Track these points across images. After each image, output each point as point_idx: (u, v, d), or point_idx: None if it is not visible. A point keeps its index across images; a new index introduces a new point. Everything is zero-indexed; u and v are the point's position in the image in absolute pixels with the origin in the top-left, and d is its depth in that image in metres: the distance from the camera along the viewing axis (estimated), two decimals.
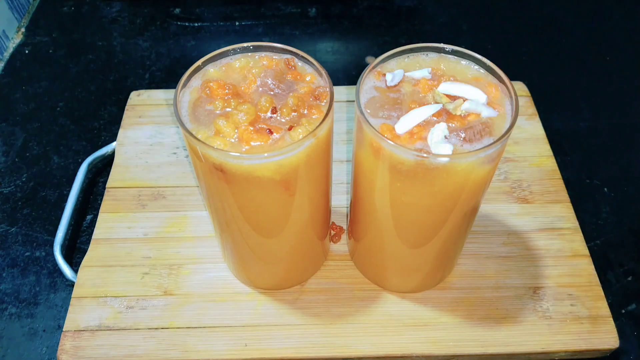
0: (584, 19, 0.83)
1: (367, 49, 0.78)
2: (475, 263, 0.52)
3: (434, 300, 0.50)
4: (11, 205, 0.60)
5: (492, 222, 0.55)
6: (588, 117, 0.69)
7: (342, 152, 0.61)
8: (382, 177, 0.39)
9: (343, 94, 0.66)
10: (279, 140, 0.36)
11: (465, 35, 0.80)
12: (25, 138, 0.66)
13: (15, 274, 0.54)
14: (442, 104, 0.38)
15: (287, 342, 0.47)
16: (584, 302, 0.49)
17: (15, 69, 0.74)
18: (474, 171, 0.37)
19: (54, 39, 0.79)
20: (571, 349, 0.47)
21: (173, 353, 0.47)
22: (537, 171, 0.59)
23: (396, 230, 0.43)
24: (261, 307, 0.50)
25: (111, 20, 0.82)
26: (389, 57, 0.42)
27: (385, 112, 0.39)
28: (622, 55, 0.77)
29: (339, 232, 0.54)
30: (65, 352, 0.47)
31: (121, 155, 0.61)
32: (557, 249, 0.53)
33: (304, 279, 0.51)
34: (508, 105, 0.39)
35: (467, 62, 0.41)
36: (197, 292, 0.50)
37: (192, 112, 0.39)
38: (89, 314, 0.49)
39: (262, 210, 0.41)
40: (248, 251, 0.46)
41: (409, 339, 0.47)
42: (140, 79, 0.73)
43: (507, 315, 0.49)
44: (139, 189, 0.58)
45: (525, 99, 0.65)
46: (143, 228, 0.55)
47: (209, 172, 0.38)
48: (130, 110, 0.65)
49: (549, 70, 0.75)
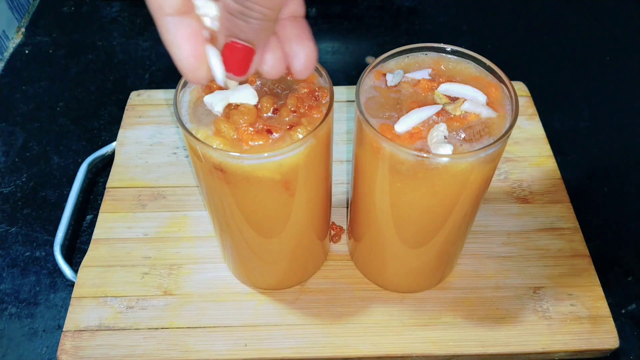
0: (584, 19, 0.83)
1: (367, 49, 0.78)
2: (475, 263, 0.52)
3: (434, 300, 0.50)
4: (11, 205, 0.60)
5: (492, 222, 0.55)
6: (588, 117, 0.69)
7: (342, 152, 0.61)
8: (382, 177, 0.39)
9: (343, 94, 0.66)
10: (278, 140, 0.36)
11: (465, 35, 0.80)
12: (25, 138, 0.66)
13: (15, 274, 0.54)
14: (442, 104, 0.38)
15: (287, 342, 0.47)
16: (584, 302, 0.49)
17: (15, 69, 0.74)
18: (474, 171, 0.37)
19: (54, 39, 0.79)
20: (571, 349, 0.47)
21: (173, 353, 0.47)
22: (537, 171, 0.59)
23: (396, 230, 0.43)
24: (261, 307, 0.50)
25: (111, 20, 0.82)
26: (389, 57, 0.42)
27: (385, 112, 0.39)
28: (622, 55, 0.77)
29: (339, 232, 0.54)
30: (65, 352, 0.47)
31: (121, 155, 0.61)
32: (557, 249, 0.53)
33: (304, 279, 0.51)
34: (508, 105, 0.39)
35: (467, 62, 0.41)
36: (197, 292, 0.50)
37: (192, 112, 0.39)
38: (89, 314, 0.49)
39: (262, 210, 0.41)
40: (248, 251, 0.46)
41: (409, 339, 0.47)
42: (140, 78, 0.73)
43: (507, 315, 0.49)
44: (139, 189, 0.58)
45: (525, 99, 0.65)
46: (143, 228, 0.55)
47: (209, 172, 0.38)
48: (130, 110, 0.65)
49: (549, 70, 0.75)
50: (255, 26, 0.28)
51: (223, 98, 0.37)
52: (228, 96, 0.37)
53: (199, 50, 0.29)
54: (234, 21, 0.28)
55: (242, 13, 0.27)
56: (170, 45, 0.29)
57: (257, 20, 0.28)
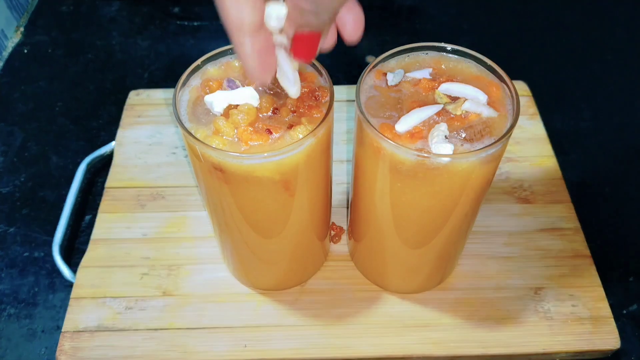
0: (585, 19, 0.82)
1: (368, 48, 0.78)
2: (476, 263, 0.52)
3: (434, 301, 0.50)
4: (10, 206, 0.60)
5: (493, 223, 0.55)
6: (589, 117, 0.69)
7: (342, 152, 0.61)
8: (382, 177, 0.39)
9: (343, 94, 0.66)
10: (278, 140, 0.36)
11: (466, 35, 0.80)
12: (24, 138, 0.66)
13: (13, 274, 0.54)
14: (443, 104, 0.38)
15: (287, 343, 0.47)
16: (585, 302, 0.49)
17: (14, 69, 0.74)
18: (474, 171, 0.37)
19: (52, 39, 0.79)
20: (572, 349, 0.47)
21: (172, 354, 0.46)
22: (539, 171, 0.59)
23: (397, 230, 0.43)
24: (261, 307, 0.49)
25: (110, 19, 0.82)
26: (389, 57, 0.41)
27: (386, 111, 0.38)
28: (623, 55, 0.77)
29: (339, 232, 0.54)
30: (64, 352, 0.46)
31: (120, 155, 0.60)
32: (558, 250, 0.53)
33: (304, 279, 0.51)
34: (509, 104, 0.39)
35: (468, 61, 0.41)
36: (197, 293, 0.50)
37: (191, 111, 0.38)
38: (88, 315, 0.49)
39: (262, 210, 0.41)
40: (248, 252, 0.46)
41: (409, 340, 0.47)
42: (139, 78, 0.73)
43: (508, 316, 0.49)
44: (138, 189, 0.58)
45: (526, 98, 0.65)
46: (142, 228, 0.55)
47: (208, 172, 0.38)
48: (129, 109, 0.64)
49: (550, 70, 0.75)
50: (325, 19, 0.31)
51: (224, 99, 0.37)
52: (229, 97, 0.37)
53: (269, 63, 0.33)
54: (305, 17, 0.30)
55: (314, 12, 0.30)
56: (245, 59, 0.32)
57: (327, 15, 0.30)
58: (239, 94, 0.37)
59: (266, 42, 0.32)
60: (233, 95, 0.37)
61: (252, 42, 0.31)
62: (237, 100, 0.37)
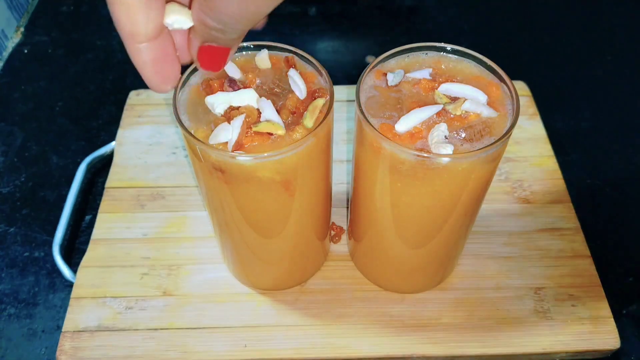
0: (585, 19, 0.82)
1: (367, 48, 0.78)
2: (476, 263, 0.52)
3: (434, 300, 0.50)
4: (10, 206, 0.60)
5: (493, 223, 0.55)
6: (589, 117, 0.69)
7: (342, 152, 0.61)
8: (382, 177, 0.39)
9: (343, 94, 0.66)
10: (278, 140, 0.36)
11: (465, 35, 0.80)
12: (24, 138, 0.66)
13: (14, 274, 0.54)
14: (443, 104, 0.38)
15: (287, 343, 0.47)
16: (585, 302, 0.49)
17: (14, 69, 0.74)
18: (474, 171, 0.37)
19: (53, 39, 0.79)
20: (572, 349, 0.47)
21: (172, 354, 0.46)
22: (538, 171, 0.59)
23: (397, 230, 0.43)
24: (261, 307, 0.49)
25: (110, 19, 0.81)
26: (389, 57, 0.41)
27: (386, 111, 0.38)
28: (623, 55, 0.77)
29: (339, 232, 0.54)
30: (64, 352, 0.46)
31: (120, 155, 0.60)
32: (558, 249, 0.53)
33: (304, 279, 0.51)
34: (509, 104, 0.39)
35: (467, 61, 0.41)
36: (197, 293, 0.50)
37: (191, 111, 0.38)
38: (88, 315, 0.49)
39: (262, 210, 0.41)
40: (248, 252, 0.46)
41: (409, 340, 0.47)
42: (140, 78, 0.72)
43: (508, 316, 0.49)
44: (138, 189, 0.58)
45: (526, 98, 0.65)
46: (142, 228, 0.55)
47: (208, 172, 0.38)
48: (130, 109, 0.64)
49: (550, 70, 0.75)
50: (234, 37, 0.30)
51: (225, 100, 0.37)
52: (230, 99, 0.37)
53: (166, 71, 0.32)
54: (211, 33, 0.30)
55: (222, 30, 0.29)
56: (140, 68, 0.31)
57: (236, 34, 0.30)
58: (239, 95, 0.37)
59: (163, 50, 0.31)
60: (234, 97, 0.37)
61: (147, 51, 0.30)
62: (238, 101, 0.37)
